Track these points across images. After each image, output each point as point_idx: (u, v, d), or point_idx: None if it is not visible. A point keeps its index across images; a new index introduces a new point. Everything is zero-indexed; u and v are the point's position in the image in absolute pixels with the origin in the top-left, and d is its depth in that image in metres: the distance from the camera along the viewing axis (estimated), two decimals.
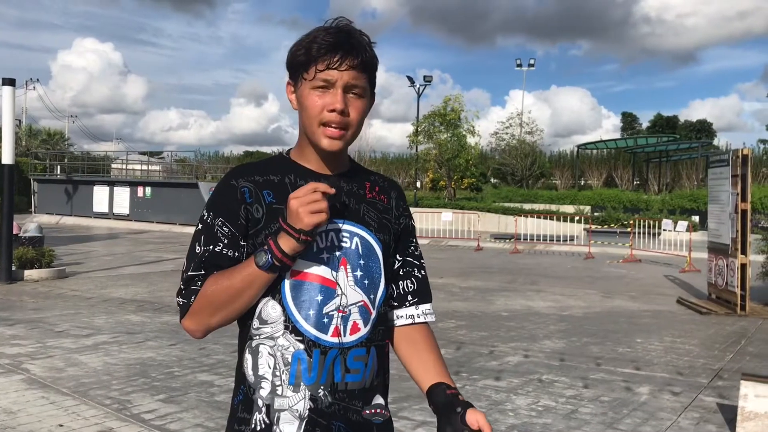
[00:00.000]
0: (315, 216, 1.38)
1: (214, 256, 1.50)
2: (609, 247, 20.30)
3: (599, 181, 48.96)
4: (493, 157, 47.86)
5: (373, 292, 1.55)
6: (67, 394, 5.24)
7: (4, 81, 12.08)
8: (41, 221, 21.05)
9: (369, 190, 1.62)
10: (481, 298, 10.88)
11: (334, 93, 1.48)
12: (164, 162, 41.32)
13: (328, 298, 1.49)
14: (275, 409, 1.47)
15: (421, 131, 34.94)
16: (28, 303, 9.56)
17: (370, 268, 1.55)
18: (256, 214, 1.51)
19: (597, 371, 6.33)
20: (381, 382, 1.59)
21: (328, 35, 1.48)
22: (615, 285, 12.92)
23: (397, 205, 1.66)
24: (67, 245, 17.85)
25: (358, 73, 1.49)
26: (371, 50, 1.54)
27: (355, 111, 1.51)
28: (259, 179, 1.55)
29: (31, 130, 52.01)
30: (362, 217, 1.57)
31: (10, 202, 11.71)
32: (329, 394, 1.48)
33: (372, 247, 1.56)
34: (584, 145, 46.04)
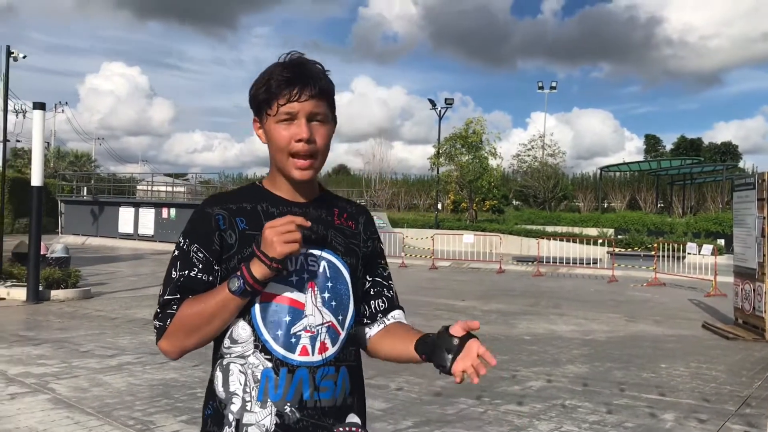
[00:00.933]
0: (288, 246, 1.45)
1: (189, 280, 1.59)
2: (633, 271, 20.10)
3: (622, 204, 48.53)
4: (515, 179, 47.74)
5: (341, 313, 1.62)
6: (91, 414, 5.30)
7: (35, 105, 12.36)
8: (68, 242, 21.36)
9: (337, 216, 1.70)
10: (503, 321, 10.82)
11: (299, 123, 1.57)
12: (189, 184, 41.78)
13: (296, 319, 1.56)
14: (243, 424, 1.54)
15: (442, 153, 35.01)
16: (54, 323, 9.68)
17: (338, 290, 1.62)
18: (230, 240, 1.59)
19: (621, 397, 6.26)
20: (355, 402, 1.64)
21: (285, 70, 1.58)
22: (639, 309, 12.78)
23: (365, 229, 1.74)
24: (92, 266, 18.07)
25: (318, 101, 1.59)
26: (326, 77, 1.63)
27: (320, 137, 1.60)
28: (233, 207, 1.63)
29: (59, 153, 52.98)
30: (330, 242, 1.65)
31: (38, 223, 11.91)
32: (297, 411, 1.54)
33: (339, 270, 1.64)
34: (607, 168, 45.76)
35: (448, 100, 37.37)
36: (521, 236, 28.87)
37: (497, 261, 22.03)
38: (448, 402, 5.89)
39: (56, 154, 51.62)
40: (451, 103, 37.32)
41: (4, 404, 5.53)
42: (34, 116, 12.35)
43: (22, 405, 5.52)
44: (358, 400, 1.66)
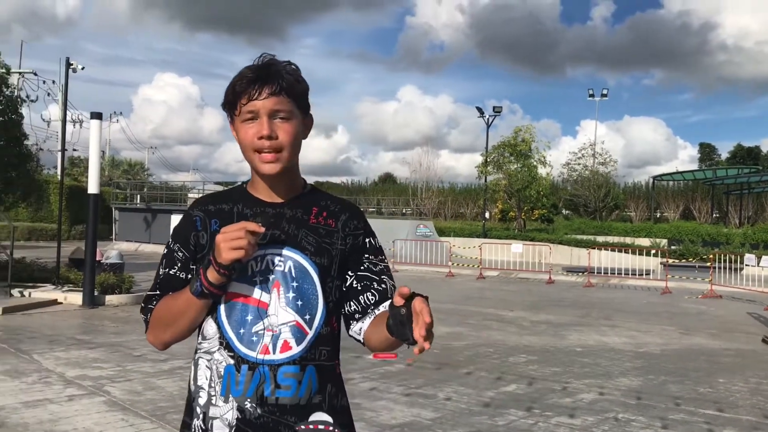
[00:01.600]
0: (233, 252, 1.48)
1: (168, 278, 1.69)
2: (687, 282, 19.58)
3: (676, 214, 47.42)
4: (565, 188, 47.10)
5: (308, 312, 1.63)
6: (145, 417, 5.40)
7: (92, 115, 12.72)
8: (121, 248, 21.90)
9: (315, 215, 1.71)
10: (554, 332, 10.65)
11: (261, 122, 1.61)
12: None
13: (258, 318, 1.60)
14: (209, 417, 1.61)
15: (490, 162, 34.77)
16: (108, 327, 9.92)
17: (304, 290, 1.63)
18: (202, 241, 1.68)
19: (676, 411, 6.08)
20: (326, 401, 1.64)
21: (249, 71, 1.62)
22: (694, 321, 12.44)
23: (344, 226, 1.72)
24: (145, 272, 18.44)
25: (280, 98, 1.61)
26: (293, 76, 1.65)
27: (284, 133, 1.62)
28: (212, 208, 1.71)
29: (113, 161, 54.44)
30: (299, 242, 1.65)
31: (94, 229, 12.23)
32: (258, 407, 1.58)
33: (306, 270, 1.64)
34: (660, 177, 44.80)
35: (496, 108, 37.13)
36: (571, 246, 28.42)
37: (546, 271, 21.74)
38: (498, 413, 5.82)
39: (111, 162, 53.05)
40: (499, 111, 37.07)
41: (63, 405, 5.68)
42: (92, 126, 12.71)
43: (79, 406, 5.66)
44: (330, 400, 1.65)
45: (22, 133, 15.35)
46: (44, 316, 10.85)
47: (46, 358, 7.57)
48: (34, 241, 32.38)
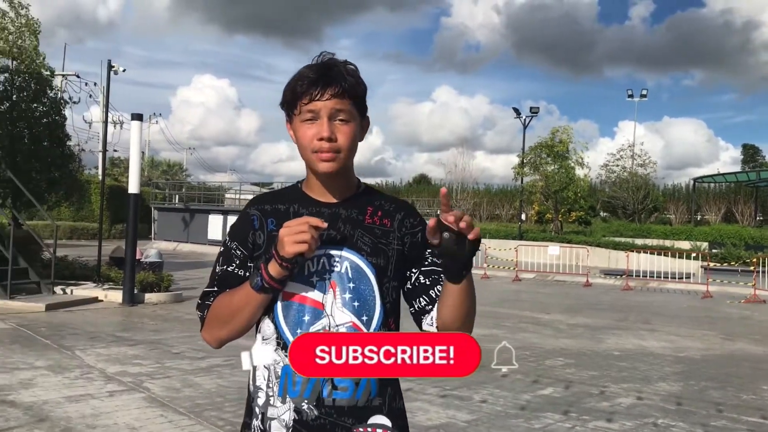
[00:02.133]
0: (297, 246, 1.49)
1: (226, 275, 1.70)
2: (729, 287, 19.15)
3: (717, 216, 46.42)
4: (603, 189, 46.44)
5: (366, 313, 1.62)
6: (183, 414, 5.47)
7: (133, 116, 12.96)
8: (160, 247, 22.22)
9: (370, 215, 1.70)
10: (591, 335, 10.51)
11: (321, 122, 1.61)
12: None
13: (315, 319, 1.60)
14: (268, 417, 1.62)
15: (527, 163, 34.47)
16: (148, 324, 10.08)
17: (361, 291, 1.62)
18: (259, 240, 1.69)
19: (718, 418, 5.96)
20: (386, 404, 1.63)
21: (310, 71, 1.63)
22: (736, 327, 12.16)
23: (400, 225, 1.70)
24: (183, 270, 18.72)
25: (340, 100, 1.61)
26: (354, 77, 1.64)
27: (343, 135, 1.62)
28: (268, 208, 1.72)
29: (152, 162, 55.33)
30: (355, 243, 1.65)
31: (134, 228, 12.45)
32: (314, 408, 1.58)
33: (363, 271, 1.63)
34: (701, 178, 43.91)
35: (533, 109, 36.80)
36: (609, 249, 28.00)
37: (584, 274, 21.47)
38: (534, 416, 5.76)
39: (150, 163, 53.93)
40: (536, 112, 36.72)
41: (104, 401, 5.79)
42: (132, 127, 12.94)
43: (120, 402, 5.77)
44: (390, 402, 1.64)
45: (64, 134, 15.72)
46: (86, 313, 11.08)
47: (88, 354, 7.73)
48: (76, 240, 33.10)
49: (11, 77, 14.67)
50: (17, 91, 14.74)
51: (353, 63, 1.68)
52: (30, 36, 15.02)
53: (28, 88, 14.86)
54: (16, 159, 14.37)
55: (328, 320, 1.60)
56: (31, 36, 15.04)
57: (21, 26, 14.94)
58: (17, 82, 14.75)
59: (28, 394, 5.90)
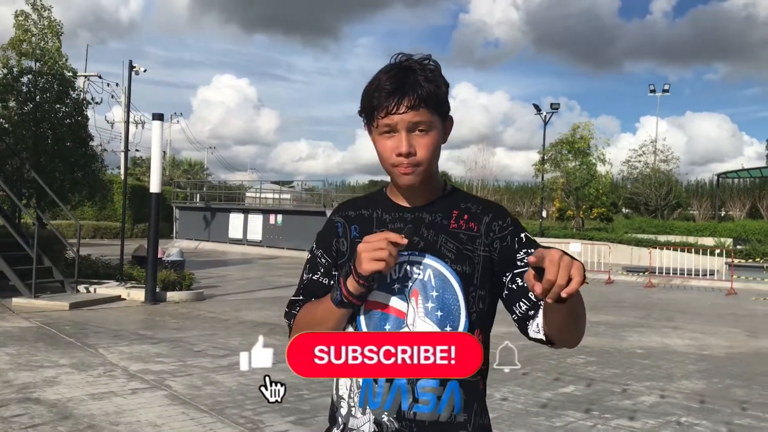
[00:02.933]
0: (374, 263, 1.44)
1: (311, 283, 1.70)
2: (754, 283, 18.91)
3: (742, 212, 45.82)
4: (625, 185, 46.03)
5: (449, 324, 1.56)
6: (205, 412, 5.51)
7: (154, 116, 13.07)
8: (182, 246, 22.40)
9: (455, 219, 1.63)
10: (613, 333, 10.43)
11: (399, 137, 1.55)
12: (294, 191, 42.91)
13: (396, 328, 1.55)
14: (349, 428, 1.59)
15: (547, 159, 34.26)
16: (170, 323, 10.17)
17: (444, 299, 1.56)
18: (342, 248, 1.67)
19: (742, 416, 5.88)
20: (471, 421, 1.57)
21: (387, 80, 1.55)
22: (762, 324, 12.00)
23: (487, 229, 1.61)
24: (204, 269, 18.86)
25: (419, 110, 1.54)
26: (433, 82, 1.56)
27: (422, 148, 1.56)
28: (352, 214, 1.70)
29: (174, 161, 55.82)
30: (439, 249, 1.59)
31: (156, 228, 12.56)
32: (395, 421, 1.53)
33: (447, 279, 1.57)
34: (725, 174, 43.37)
35: (553, 105, 36.53)
36: (631, 245, 27.75)
37: (606, 271, 21.31)
38: (556, 414, 5.73)
39: (172, 162, 54.40)
40: (557, 108, 36.45)
41: (126, 398, 5.85)
42: (153, 127, 13.05)
43: (142, 400, 5.83)
44: (475, 419, 1.58)
45: (87, 135, 15.91)
46: (109, 311, 11.20)
47: (111, 352, 7.81)
48: (99, 239, 33.47)
49: (34, 79, 14.87)
50: (40, 92, 14.94)
51: (433, 60, 1.60)
52: (53, 37, 15.22)
53: (51, 90, 15.05)
54: (39, 159, 14.57)
55: (409, 329, 1.55)
56: (54, 38, 15.24)
57: (44, 28, 15.14)
58: (40, 83, 14.95)
59: (53, 392, 5.98)
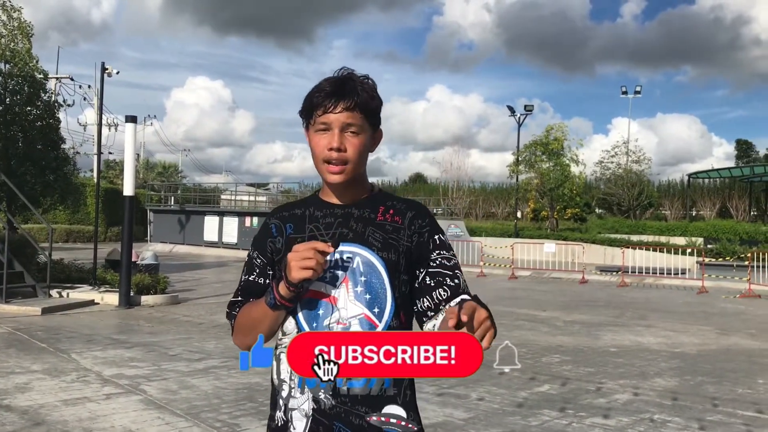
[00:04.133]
0: (302, 272, 1.56)
1: (248, 284, 1.81)
2: (724, 282, 19.23)
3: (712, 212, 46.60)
4: (598, 186, 46.53)
5: (377, 305, 1.68)
6: (180, 416, 5.47)
7: (127, 118, 12.94)
8: (156, 249, 22.20)
9: (382, 213, 1.77)
10: (587, 332, 10.54)
11: (332, 134, 1.70)
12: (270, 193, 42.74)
13: (329, 312, 1.67)
14: (290, 408, 1.70)
15: (522, 161, 34.52)
16: (144, 327, 10.07)
17: (372, 284, 1.69)
18: (278, 245, 1.78)
19: (714, 412, 5.98)
20: (400, 394, 1.68)
21: (327, 84, 1.72)
22: (732, 321, 12.21)
23: (410, 224, 1.76)
24: (179, 272, 18.72)
25: (353, 113, 1.70)
26: (368, 93, 1.73)
27: (352, 147, 1.71)
28: (286, 214, 1.83)
29: (148, 164, 55.27)
30: (366, 239, 1.72)
31: (129, 231, 12.44)
32: (331, 398, 1.64)
33: (374, 265, 1.70)
34: (696, 174, 44.06)
35: (527, 107, 36.84)
36: (605, 245, 28.06)
37: (580, 271, 21.52)
38: (531, 413, 5.78)
39: (145, 165, 53.87)
40: (530, 110, 36.76)
41: (100, 404, 5.79)
42: (126, 129, 12.93)
43: (116, 405, 5.77)
44: (404, 392, 1.69)
45: (59, 137, 15.69)
46: (82, 316, 11.06)
47: (84, 357, 7.72)
48: (72, 243, 33.02)
49: (4, 81, 14.63)
50: (11, 94, 14.71)
51: (372, 79, 1.77)
52: (23, 39, 14.99)
53: (22, 92, 14.82)
54: (10, 163, 14.34)
55: (341, 313, 1.67)
56: (24, 39, 15.01)
57: (13, 29, 14.91)
58: (10, 85, 14.71)
59: (24, 398, 5.89)
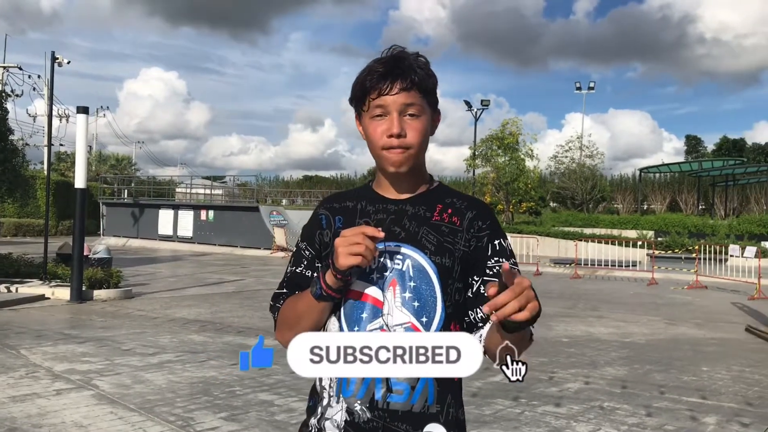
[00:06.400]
0: (351, 258, 1.43)
1: (295, 276, 1.69)
2: (673, 273, 19.76)
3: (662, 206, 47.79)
4: (552, 180, 47.27)
5: (425, 314, 1.55)
6: (134, 410, 5.42)
7: (79, 109, 12.65)
8: (109, 243, 21.81)
9: (439, 212, 1.63)
10: (540, 323, 10.58)
11: (391, 118, 1.56)
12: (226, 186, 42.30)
13: (374, 317, 1.55)
14: (325, 417, 1.58)
15: (478, 155, 34.84)
16: (96, 321, 9.90)
17: (421, 290, 1.56)
18: (326, 239, 1.65)
19: (661, 399, 6.17)
20: (444, 412, 1.56)
21: (380, 65, 1.58)
22: (679, 312, 12.57)
23: (469, 226, 1.63)
24: (133, 266, 18.42)
25: (411, 93, 1.56)
26: (424, 70, 1.59)
27: (413, 131, 1.57)
28: (336, 206, 1.69)
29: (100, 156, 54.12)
30: (419, 240, 1.58)
31: (81, 224, 12.20)
32: (367, 410, 1.52)
33: (425, 270, 1.57)
34: (647, 169, 45.06)
35: (484, 102, 37.23)
36: (558, 238, 28.55)
37: (534, 263, 21.86)
38: (485, 402, 5.87)
39: (98, 157, 52.74)
40: (487, 105, 37.17)
41: (51, 399, 5.69)
42: (78, 120, 12.65)
43: (67, 400, 5.67)
44: (447, 410, 1.57)
45: (7, 128, 15.25)
46: (31, 311, 10.81)
47: (34, 352, 7.56)
48: (21, 237, 32.21)
49: None
50: None
51: (424, 56, 1.62)
52: None
53: None
54: None
55: (385, 319, 1.54)
56: None
57: None
58: None
59: None
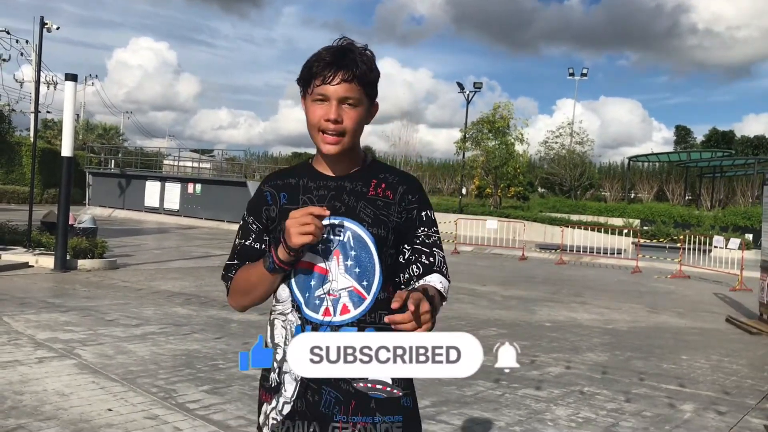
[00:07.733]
0: (302, 237, 1.62)
1: (244, 248, 1.88)
2: (657, 262, 19.93)
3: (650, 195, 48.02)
4: (542, 166, 47.37)
5: (366, 279, 1.76)
6: (116, 381, 5.41)
7: (67, 76, 12.50)
8: (95, 213, 21.66)
9: (374, 187, 1.82)
10: (524, 307, 10.80)
11: (329, 105, 1.73)
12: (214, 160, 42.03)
13: (321, 284, 1.75)
14: (283, 371, 1.79)
15: (468, 138, 34.79)
16: (80, 291, 9.86)
17: (361, 258, 1.76)
18: (272, 214, 1.84)
19: (640, 386, 6.24)
20: None
21: (327, 54, 1.73)
22: (662, 300, 12.69)
23: (401, 199, 1.83)
24: (118, 237, 18.32)
25: (351, 85, 1.72)
26: (367, 65, 1.75)
27: (349, 119, 1.75)
28: (280, 183, 1.87)
29: (88, 125, 53.54)
30: (357, 214, 1.78)
31: (67, 193, 12.09)
32: None
33: (363, 240, 1.76)
34: (636, 157, 45.22)
35: (476, 84, 37.05)
36: (545, 224, 28.66)
37: (520, 248, 21.96)
38: (466, 383, 5.92)
39: (85, 126, 52.20)
40: (479, 87, 36.98)
41: (32, 367, 5.67)
42: (66, 88, 12.50)
43: (49, 369, 5.66)
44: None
45: None
46: (15, 278, 10.75)
47: (16, 320, 7.53)
48: (6, 204, 31.93)
49: None
50: None
51: (371, 50, 1.78)
52: None
53: None
54: None
55: (332, 284, 1.74)
56: None
57: None
58: None
59: None
